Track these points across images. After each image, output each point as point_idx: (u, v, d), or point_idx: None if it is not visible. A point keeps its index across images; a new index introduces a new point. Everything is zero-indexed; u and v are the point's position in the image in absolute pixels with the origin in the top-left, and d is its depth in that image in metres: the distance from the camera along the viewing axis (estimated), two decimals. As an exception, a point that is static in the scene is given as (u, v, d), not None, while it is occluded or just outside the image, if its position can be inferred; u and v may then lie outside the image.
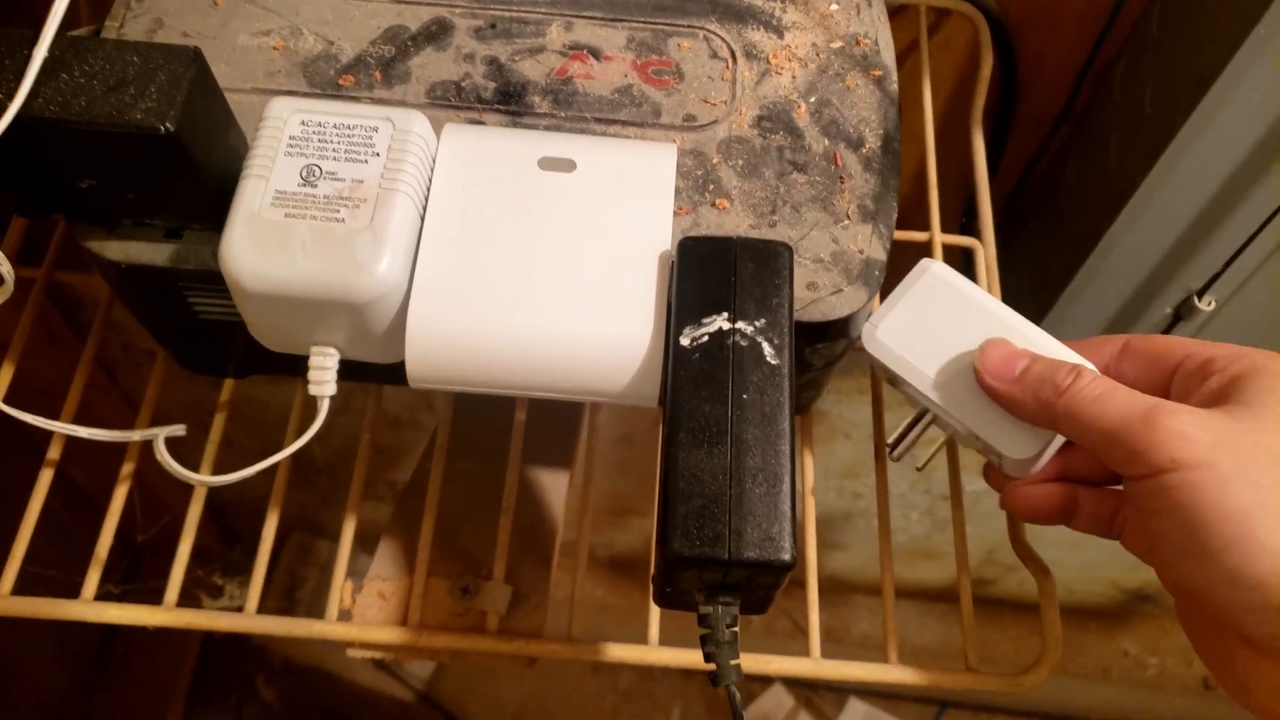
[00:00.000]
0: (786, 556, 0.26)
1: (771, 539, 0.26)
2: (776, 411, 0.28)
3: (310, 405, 0.34)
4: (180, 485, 0.37)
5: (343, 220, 0.30)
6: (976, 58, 0.54)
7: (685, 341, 0.29)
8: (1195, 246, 0.51)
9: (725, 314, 0.29)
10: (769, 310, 0.29)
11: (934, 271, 0.36)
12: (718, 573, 0.27)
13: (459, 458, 0.47)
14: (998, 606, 1.27)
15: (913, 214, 0.51)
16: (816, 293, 0.34)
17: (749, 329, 0.29)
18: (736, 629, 0.28)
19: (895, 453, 0.37)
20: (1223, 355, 0.31)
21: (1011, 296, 0.64)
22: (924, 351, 0.35)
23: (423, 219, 0.31)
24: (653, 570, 0.30)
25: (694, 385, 0.28)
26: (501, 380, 0.31)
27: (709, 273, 0.29)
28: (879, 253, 0.35)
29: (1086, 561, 1.20)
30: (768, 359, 0.28)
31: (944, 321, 0.35)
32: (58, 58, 0.30)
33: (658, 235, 0.32)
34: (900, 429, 0.37)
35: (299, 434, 0.35)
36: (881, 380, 0.42)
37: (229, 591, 0.96)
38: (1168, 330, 0.57)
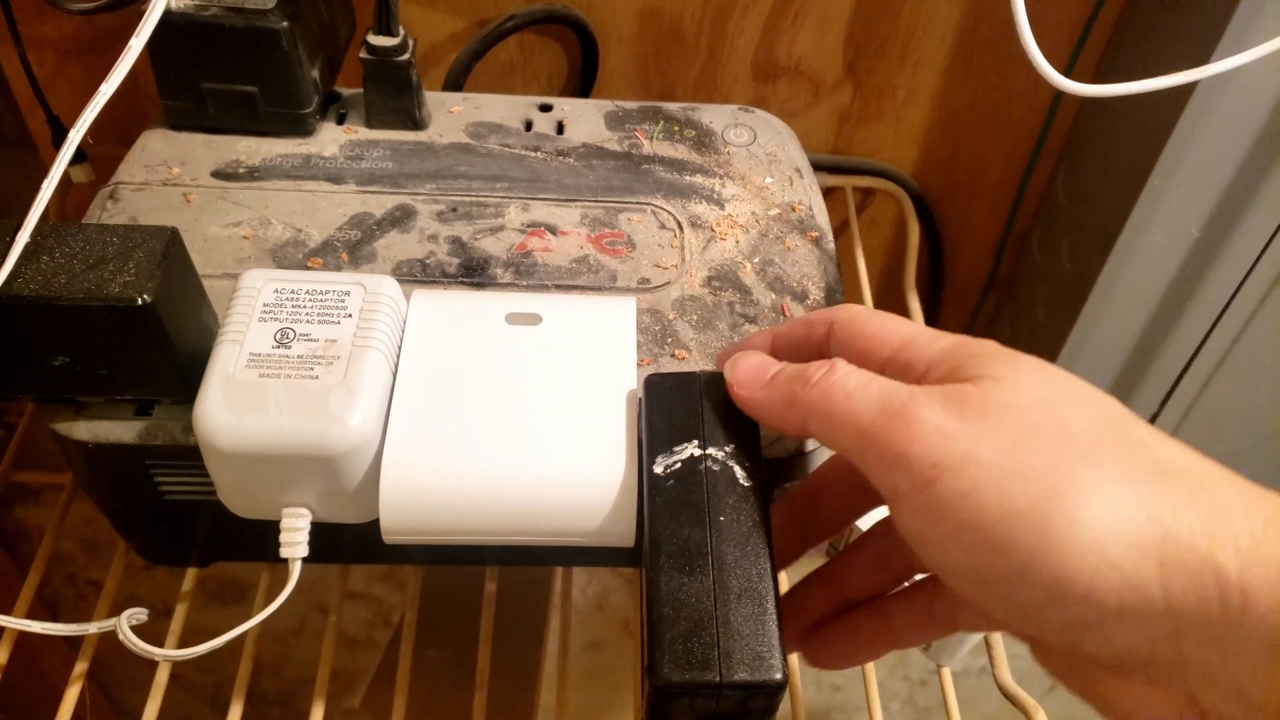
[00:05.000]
0: (778, 675, 0.26)
1: (761, 659, 0.26)
2: (754, 531, 0.28)
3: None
4: (139, 685, 0.35)
5: (317, 377, 0.30)
6: (903, 232, 0.58)
7: (659, 470, 0.29)
8: (1131, 388, 0.53)
9: (695, 441, 0.30)
10: (737, 437, 0.30)
11: None
12: (710, 699, 0.26)
13: (426, 646, 0.46)
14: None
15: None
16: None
17: (719, 454, 0.29)
18: (733, 763, 0.27)
19: None
20: (939, 354, 0.27)
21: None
22: (884, 511, 0.38)
23: (395, 375, 0.32)
24: (642, 713, 0.29)
25: (671, 510, 0.28)
26: (477, 527, 0.31)
27: (676, 405, 0.30)
28: (835, 392, 0.37)
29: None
30: (740, 481, 0.29)
31: None
32: (40, 243, 0.31)
33: (623, 379, 0.33)
34: None
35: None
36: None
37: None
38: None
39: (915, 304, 0.55)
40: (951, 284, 0.62)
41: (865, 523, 0.41)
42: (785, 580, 0.44)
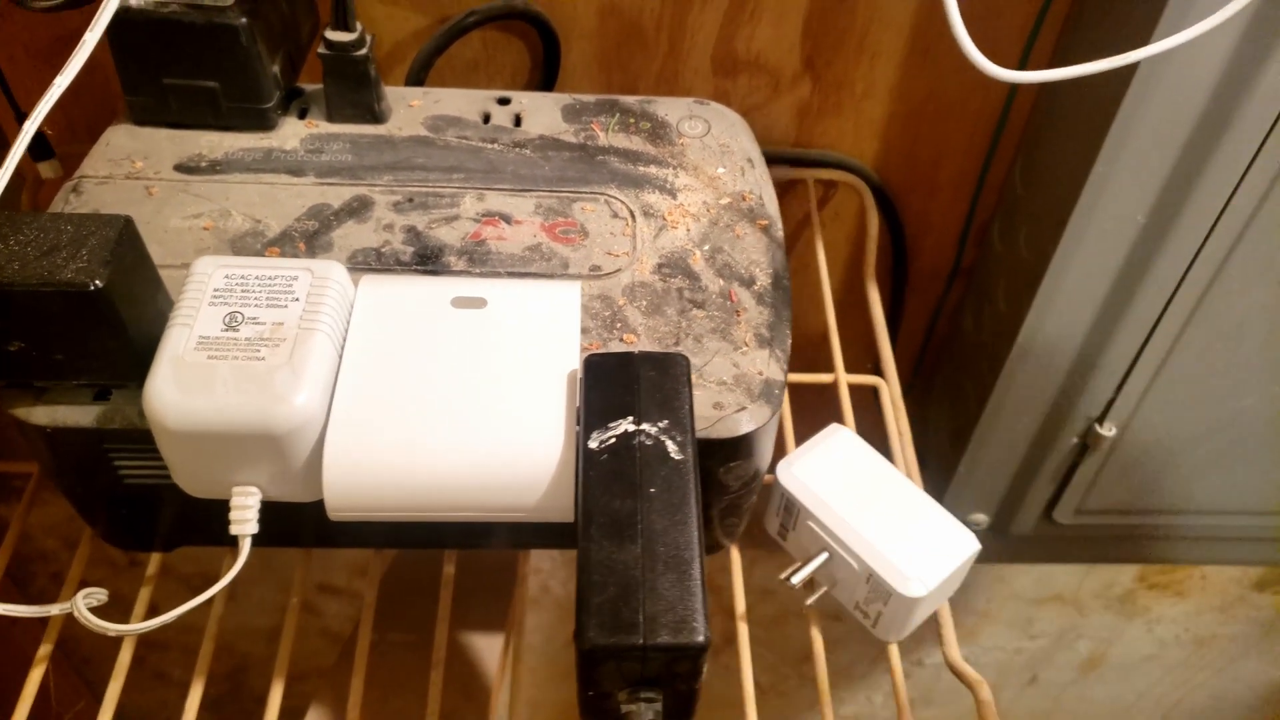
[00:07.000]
0: (700, 638, 0.27)
1: (684, 622, 0.27)
2: (683, 502, 0.29)
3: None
4: (102, 669, 0.36)
5: (263, 359, 0.31)
6: (865, 224, 0.59)
7: (594, 445, 0.30)
8: (1086, 374, 0.54)
9: (630, 418, 0.31)
10: (670, 412, 0.31)
11: (843, 434, 0.44)
12: (635, 663, 0.27)
13: (389, 629, 0.47)
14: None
15: (825, 367, 0.53)
16: (723, 411, 0.36)
17: (653, 429, 0.30)
18: (661, 728, 0.28)
19: (795, 580, 0.42)
20: None
21: (929, 443, 0.66)
22: (828, 492, 0.42)
23: (341, 357, 0.33)
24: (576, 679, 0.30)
25: (603, 483, 0.29)
26: (420, 503, 0.32)
27: (614, 383, 0.31)
28: (777, 374, 0.38)
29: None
30: (672, 455, 0.30)
31: (847, 473, 0.42)
32: (-6, 231, 0.32)
33: (566, 360, 0.34)
34: (799, 564, 0.42)
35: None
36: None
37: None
38: (1077, 463, 0.60)
39: (874, 291, 0.56)
40: (916, 275, 0.63)
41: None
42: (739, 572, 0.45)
